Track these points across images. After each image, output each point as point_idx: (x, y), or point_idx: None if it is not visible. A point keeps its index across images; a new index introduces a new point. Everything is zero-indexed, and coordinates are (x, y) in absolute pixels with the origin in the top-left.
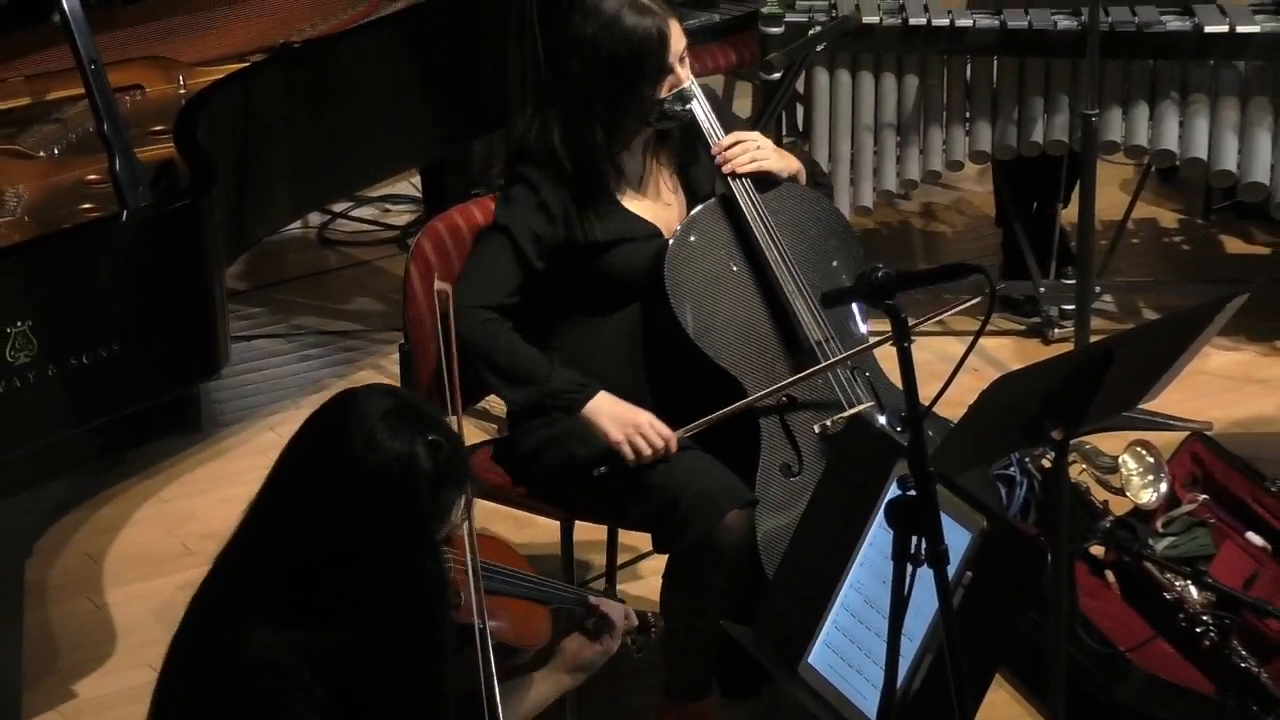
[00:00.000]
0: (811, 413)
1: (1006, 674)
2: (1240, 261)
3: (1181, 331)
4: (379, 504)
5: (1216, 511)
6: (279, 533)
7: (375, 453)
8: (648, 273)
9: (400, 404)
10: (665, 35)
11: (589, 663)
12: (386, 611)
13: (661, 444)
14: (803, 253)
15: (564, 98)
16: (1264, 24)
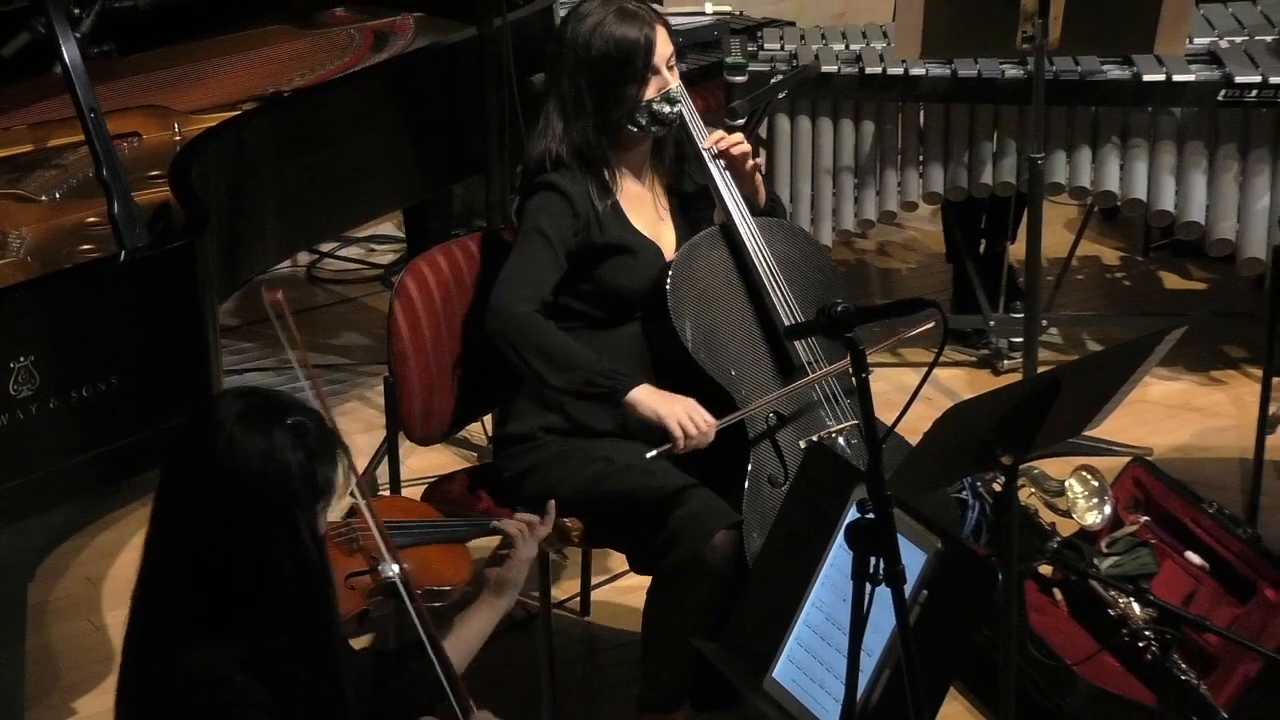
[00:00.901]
0: (798, 429)
1: (961, 686)
2: (1178, 296)
3: (1123, 362)
4: (259, 500)
5: (1157, 532)
6: (179, 554)
7: (240, 453)
8: (645, 288)
9: (253, 401)
10: (651, 40)
11: (513, 579)
12: (291, 597)
13: (706, 427)
14: (793, 281)
15: (561, 101)
16: (1198, 73)
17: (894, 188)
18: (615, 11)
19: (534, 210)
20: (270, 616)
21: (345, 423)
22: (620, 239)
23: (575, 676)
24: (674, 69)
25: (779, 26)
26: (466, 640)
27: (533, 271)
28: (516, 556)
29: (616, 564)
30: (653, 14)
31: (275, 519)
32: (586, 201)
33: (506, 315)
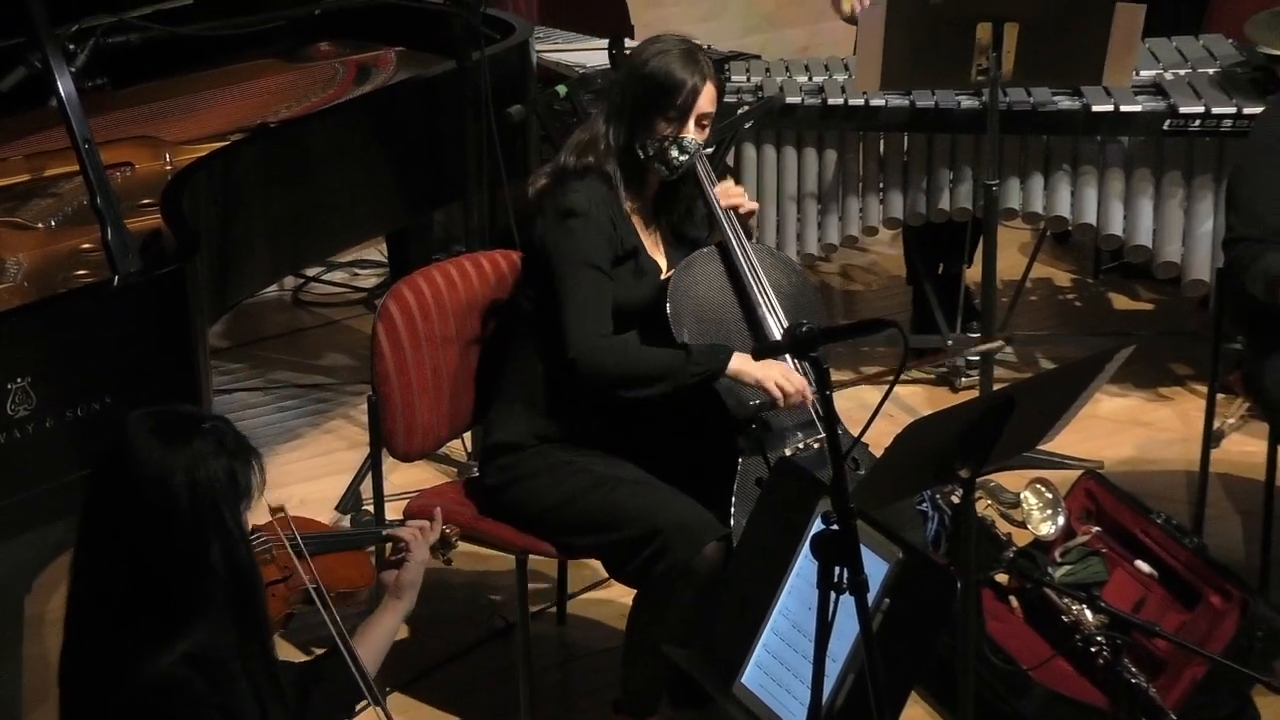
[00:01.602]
0: (785, 436)
1: (921, 691)
2: (1127, 316)
3: (1075, 380)
4: (191, 504)
5: (1108, 542)
6: (116, 567)
7: (168, 463)
8: (641, 304)
9: (163, 416)
10: (698, 90)
11: (411, 581)
12: (228, 593)
13: (801, 385)
14: (781, 298)
15: (610, 104)
16: (1144, 104)
17: (855, 213)
18: (684, 51)
19: (572, 244)
20: (210, 616)
21: (330, 440)
22: (633, 245)
23: (552, 683)
24: (704, 128)
25: (745, 60)
26: (376, 642)
27: (593, 305)
28: (413, 559)
29: (592, 575)
30: (714, 72)
31: (207, 520)
32: (606, 215)
33: (589, 360)
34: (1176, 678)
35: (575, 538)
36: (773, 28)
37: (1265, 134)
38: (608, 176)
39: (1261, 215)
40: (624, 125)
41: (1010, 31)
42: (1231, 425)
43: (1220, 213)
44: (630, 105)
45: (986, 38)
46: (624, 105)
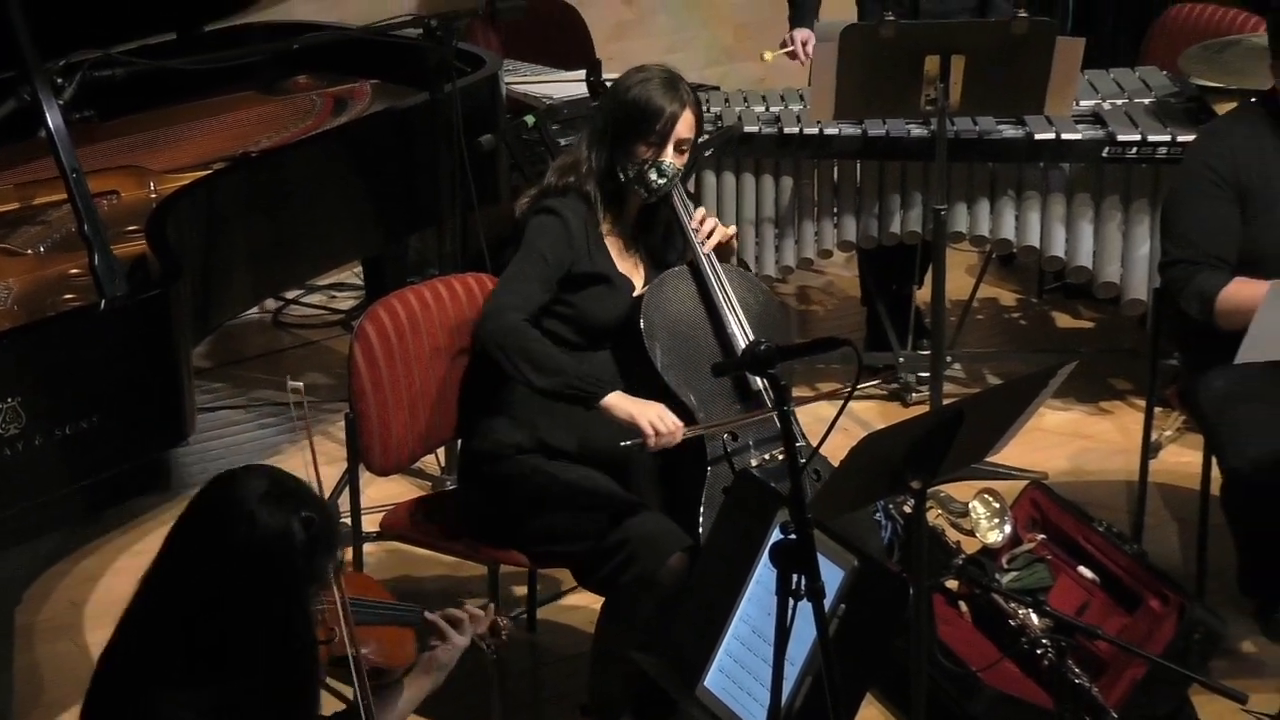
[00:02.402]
0: (750, 449)
1: (876, 692)
2: (1069, 334)
3: (1021, 395)
4: (260, 576)
5: (1053, 549)
6: (174, 604)
7: (256, 531)
8: (615, 320)
9: (275, 485)
10: (676, 116)
11: (444, 663)
12: (270, 667)
13: (674, 428)
14: (749, 316)
15: (593, 128)
16: (1084, 132)
17: (811, 237)
18: (665, 79)
19: (538, 230)
20: (252, 680)
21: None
22: (603, 270)
23: (523, 688)
24: (683, 154)
25: (705, 91)
26: (392, 712)
27: (526, 287)
28: (453, 644)
29: (560, 583)
30: (692, 101)
31: (276, 596)
32: (582, 231)
33: (498, 320)
34: (1118, 678)
35: (547, 547)
36: (731, 60)
37: (1195, 162)
38: (587, 196)
39: (1194, 239)
40: (605, 149)
41: (957, 64)
42: (1168, 437)
43: (1156, 235)
44: (612, 130)
45: (935, 70)
46: (606, 130)
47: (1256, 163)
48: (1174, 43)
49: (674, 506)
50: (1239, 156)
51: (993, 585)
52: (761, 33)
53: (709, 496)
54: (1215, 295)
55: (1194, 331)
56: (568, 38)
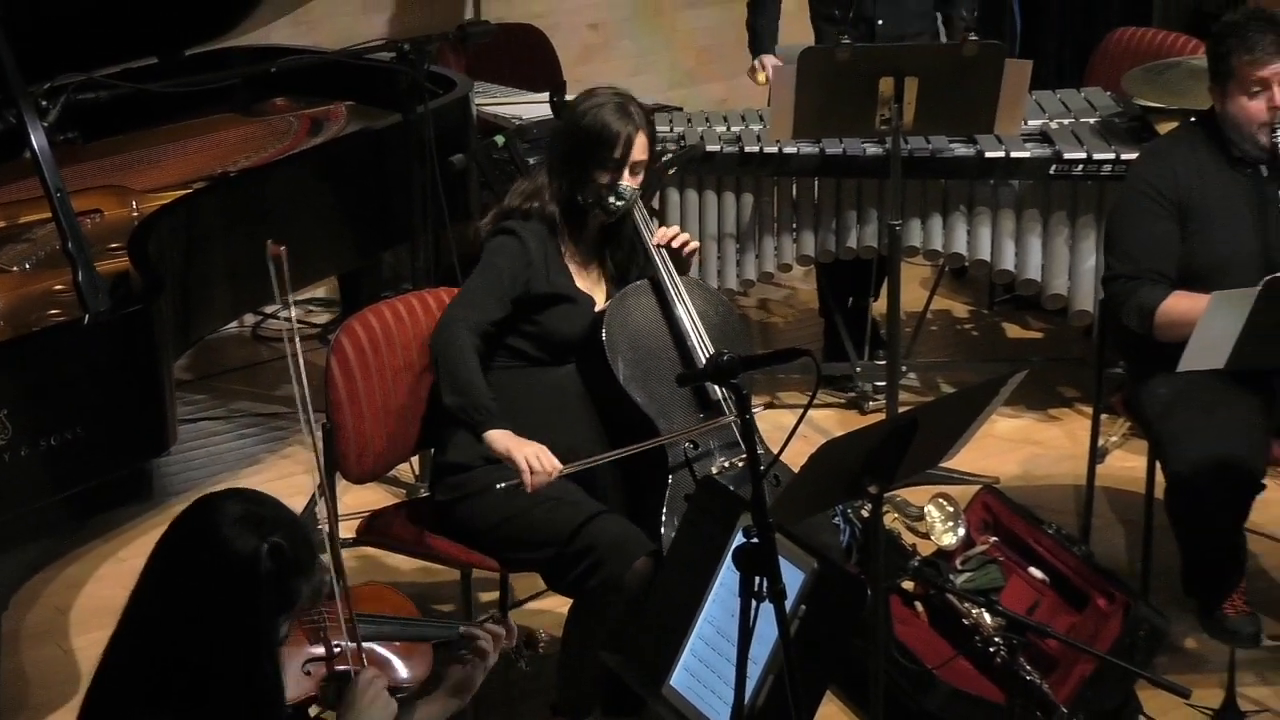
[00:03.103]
0: (710, 456)
1: (836, 690)
2: (1019, 344)
3: (973, 402)
4: (227, 599)
5: (1005, 551)
6: (152, 626)
7: (223, 556)
8: (578, 336)
9: (249, 509)
10: (631, 140)
11: (470, 683)
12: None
13: (551, 469)
14: (709, 331)
15: (550, 157)
16: (1032, 150)
17: (771, 251)
18: (618, 104)
19: (497, 249)
20: (215, 706)
21: (288, 465)
22: (565, 289)
23: (495, 687)
24: (638, 176)
25: (669, 111)
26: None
27: (480, 301)
28: (483, 665)
29: (532, 585)
30: (645, 121)
31: (234, 620)
32: (541, 253)
33: (443, 331)
34: (1067, 674)
35: (516, 553)
36: (693, 83)
37: (1138, 180)
38: (549, 219)
39: (1135, 255)
40: (564, 176)
41: (910, 85)
42: (1114, 443)
43: (1101, 249)
44: (569, 157)
45: (889, 91)
46: (563, 157)
47: (1196, 181)
48: (1117, 65)
49: (637, 513)
50: (1179, 175)
51: (947, 586)
52: (722, 57)
53: (671, 503)
54: (1154, 309)
55: (1138, 341)
56: (536, 61)
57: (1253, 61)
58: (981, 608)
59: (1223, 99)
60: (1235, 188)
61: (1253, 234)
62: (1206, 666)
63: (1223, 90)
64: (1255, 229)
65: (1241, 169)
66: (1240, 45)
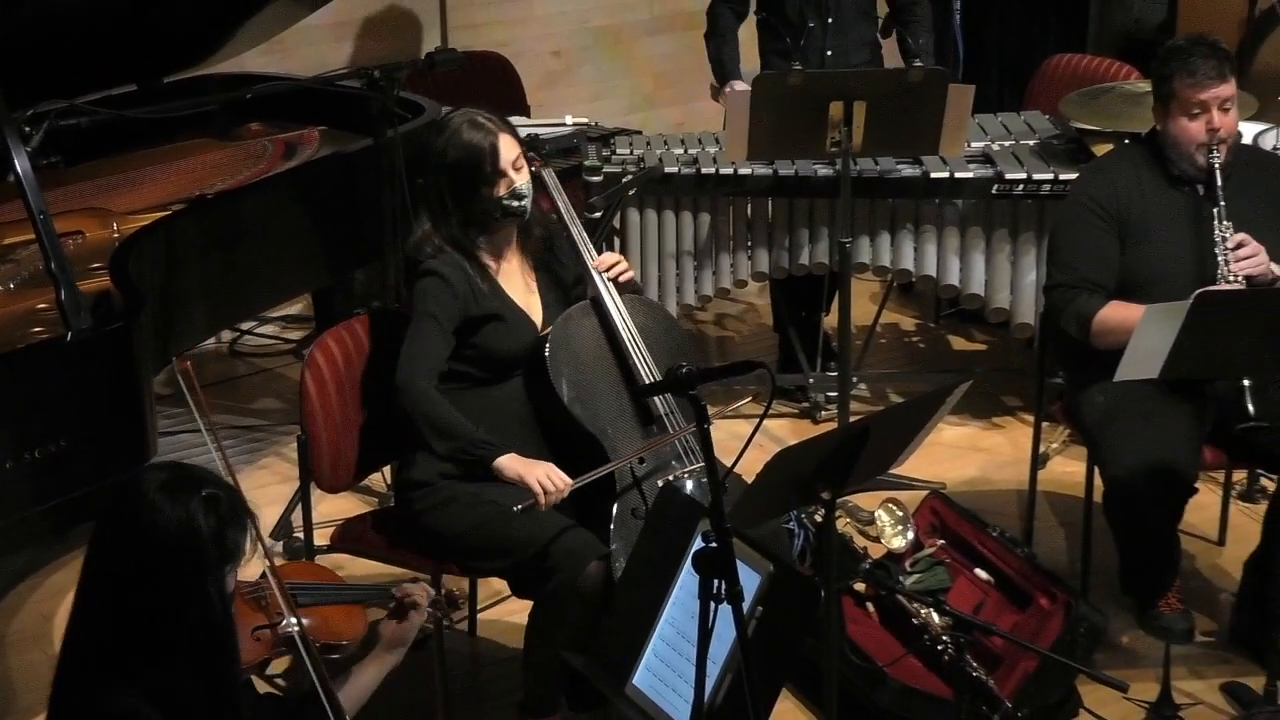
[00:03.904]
0: (657, 470)
1: (791, 687)
2: (964, 356)
3: (921, 411)
4: (173, 561)
5: (952, 553)
6: (103, 604)
7: (160, 517)
8: (519, 351)
9: (175, 473)
10: (495, 147)
11: (404, 639)
12: (198, 645)
13: (563, 485)
14: (651, 346)
15: (429, 201)
16: (975, 171)
17: (728, 268)
18: (467, 123)
19: (421, 295)
20: (179, 661)
21: (264, 475)
22: (495, 309)
23: (465, 687)
24: (521, 169)
25: (628, 135)
26: (359, 689)
27: (427, 350)
28: (413, 622)
29: (499, 590)
30: (499, 123)
31: (186, 578)
32: (464, 280)
33: (407, 391)
34: (1012, 671)
35: (479, 562)
36: (652, 107)
37: (1081, 195)
38: (461, 247)
39: (1076, 265)
40: (458, 209)
41: (859, 109)
42: (1055, 449)
43: (1042, 265)
44: (454, 190)
45: (839, 114)
46: (450, 192)
47: (1136, 197)
48: (1054, 89)
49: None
50: (1120, 191)
51: (897, 587)
52: (678, 82)
53: (619, 518)
54: (1092, 317)
55: (1077, 353)
56: (501, 87)
57: (1194, 85)
58: (930, 608)
59: (1164, 118)
60: (1173, 205)
61: (1188, 249)
62: (1143, 662)
63: (1165, 110)
64: (1191, 244)
65: (1179, 187)
66: (1183, 69)
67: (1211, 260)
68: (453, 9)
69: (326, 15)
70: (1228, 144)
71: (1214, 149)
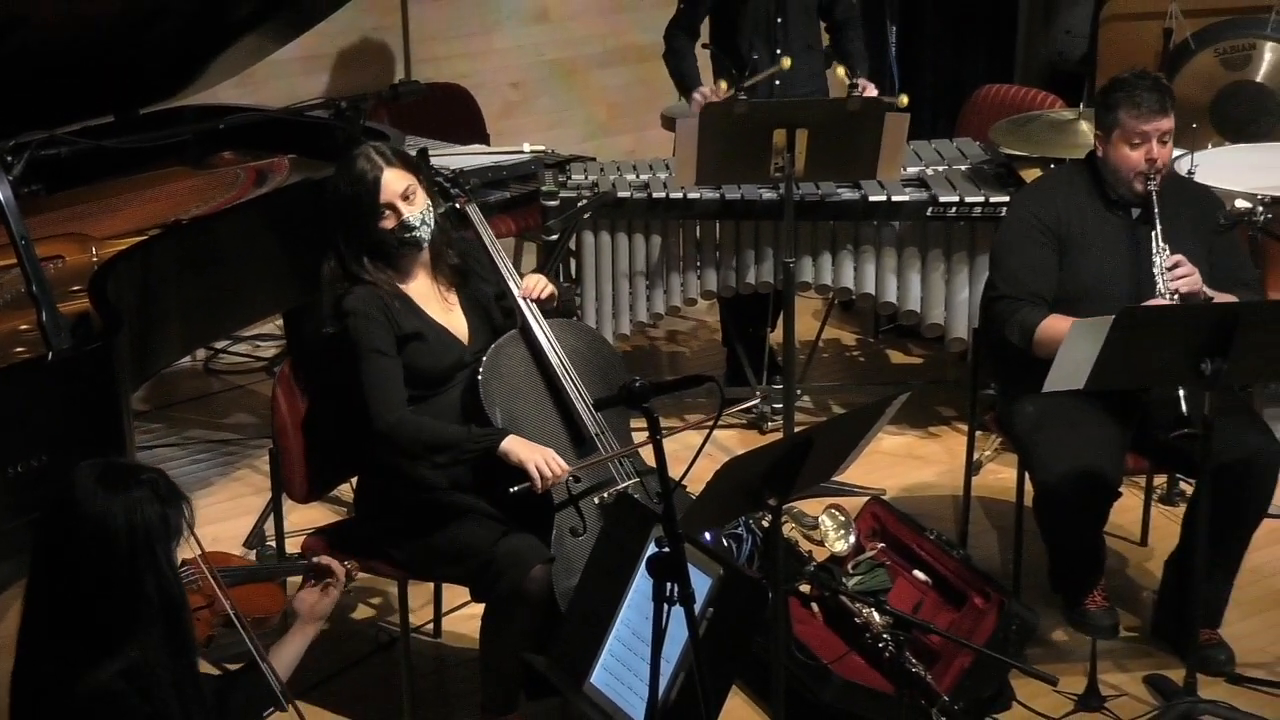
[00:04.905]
0: (593, 488)
1: (741, 684)
2: (902, 369)
3: (861, 422)
4: (129, 543)
5: (891, 556)
6: (62, 596)
7: (108, 509)
8: (447, 366)
9: (106, 467)
10: (378, 180)
11: (324, 608)
12: (159, 619)
13: (560, 470)
14: (581, 368)
15: (333, 236)
16: (911, 195)
17: (678, 287)
18: (361, 156)
19: (356, 335)
20: (143, 637)
21: (238, 487)
22: (415, 328)
23: (430, 687)
24: (412, 199)
25: (583, 161)
26: (287, 660)
27: (386, 385)
28: (330, 595)
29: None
30: (390, 157)
31: (142, 556)
32: (380, 309)
33: (393, 432)
34: (948, 666)
35: (434, 569)
36: (605, 135)
37: (1024, 211)
38: (370, 282)
39: (1020, 278)
40: (356, 241)
41: (801, 136)
42: (988, 457)
43: (974, 283)
44: (348, 225)
45: (782, 141)
46: (345, 228)
47: (1075, 216)
48: (985, 117)
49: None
50: (1060, 209)
51: (840, 588)
52: (630, 112)
53: (556, 537)
54: (1035, 328)
55: (1008, 364)
56: (462, 117)
57: (1138, 116)
58: (871, 607)
59: (1106, 145)
60: (1109, 226)
61: (1123, 267)
62: (1071, 656)
63: (1107, 138)
64: (1125, 263)
65: (1116, 210)
66: (1128, 100)
67: (1146, 279)
68: (416, 43)
69: (295, 50)
70: (1163, 173)
71: (1151, 177)
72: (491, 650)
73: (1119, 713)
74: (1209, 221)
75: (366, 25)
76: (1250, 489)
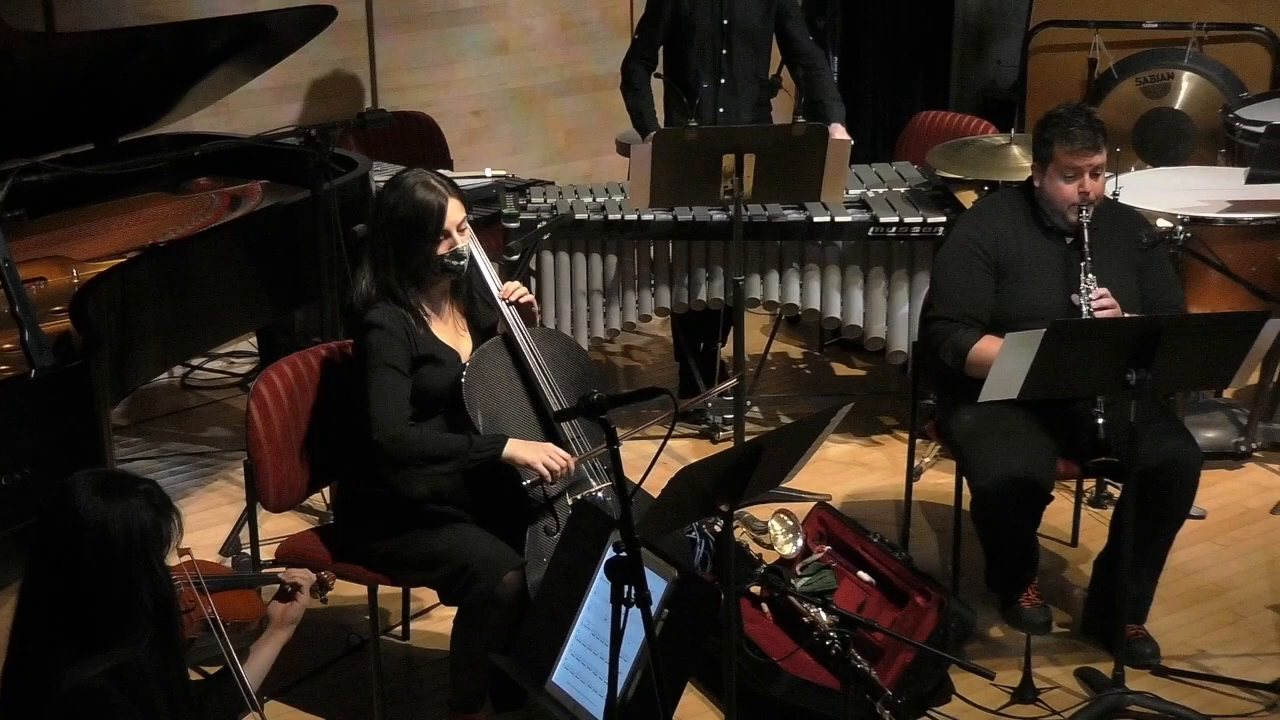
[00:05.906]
0: (567, 489)
1: (695, 681)
2: (846, 381)
3: (808, 431)
4: (125, 548)
5: (837, 558)
6: (58, 597)
7: (107, 516)
8: (448, 388)
9: (102, 477)
10: (444, 208)
11: (295, 618)
12: (152, 620)
13: (566, 462)
14: (560, 375)
15: (374, 252)
16: (853, 216)
17: (633, 304)
18: (420, 183)
19: (373, 348)
20: (134, 639)
21: (214, 498)
22: (431, 351)
23: (399, 688)
24: (464, 231)
25: (542, 185)
26: (261, 664)
27: (392, 398)
28: (300, 603)
29: (429, 599)
30: (450, 188)
31: (137, 561)
32: (402, 328)
33: (393, 444)
34: (892, 662)
35: (408, 574)
36: (563, 160)
37: (963, 235)
38: (398, 298)
39: (956, 300)
40: (400, 262)
41: (749, 160)
42: (928, 463)
43: (913, 299)
44: (400, 245)
45: (731, 165)
46: (394, 246)
47: (1012, 241)
48: (922, 142)
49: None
50: (999, 234)
51: (789, 589)
52: (587, 138)
53: (531, 535)
54: (968, 350)
55: (946, 377)
56: (426, 143)
57: (1071, 151)
58: (818, 607)
59: (1042, 177)
60: (1045, 251)
61: (1056, 291)
62: (1007, 651)
63: (1043, 169)
64: (1059, 287)
65: (1051, 237)
66: (1061, 135)
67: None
68: (382, 73)
69: (267, 80)
70: (1095, 204)
71: (1084, 209)
72: (462, 652)
73: (1052, 704)
74: (1135, 241)
75: (335, 57)
76: (1173, 492)
